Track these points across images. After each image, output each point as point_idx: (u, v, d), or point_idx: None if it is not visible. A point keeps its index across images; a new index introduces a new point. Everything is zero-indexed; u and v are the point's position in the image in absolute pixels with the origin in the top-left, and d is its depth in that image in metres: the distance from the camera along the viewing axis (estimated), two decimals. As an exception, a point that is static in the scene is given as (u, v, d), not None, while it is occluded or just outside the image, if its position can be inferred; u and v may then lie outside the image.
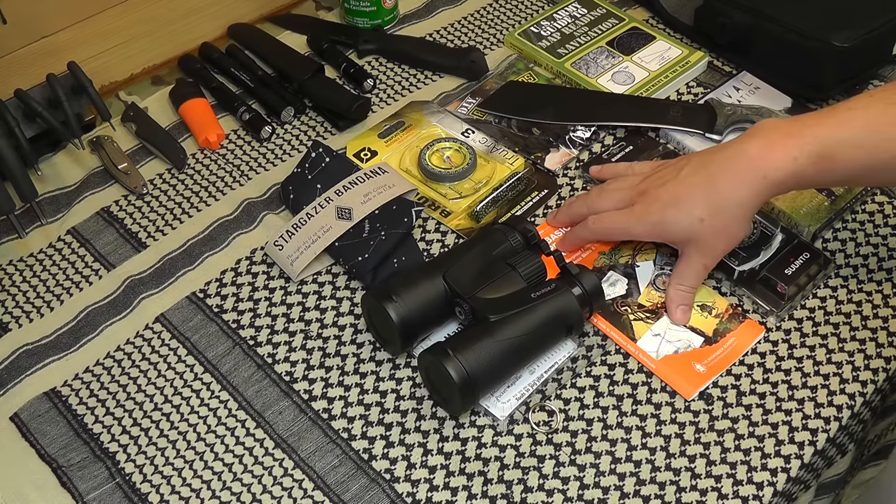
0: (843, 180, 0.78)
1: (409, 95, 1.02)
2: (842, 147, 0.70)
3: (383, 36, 1.08)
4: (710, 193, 0.74)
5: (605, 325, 0.79)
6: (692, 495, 0.69)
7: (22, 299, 0.83)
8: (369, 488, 0.70)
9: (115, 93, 1.02)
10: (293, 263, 0.83)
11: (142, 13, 1.01)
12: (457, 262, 0.77)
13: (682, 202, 0.76)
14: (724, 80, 1.01)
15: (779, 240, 0.83)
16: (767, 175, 0.72)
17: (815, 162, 0.71)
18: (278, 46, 1.06)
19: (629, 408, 0.74)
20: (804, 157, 0.71)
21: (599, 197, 0.83)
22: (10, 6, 0.90)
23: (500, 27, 1.11)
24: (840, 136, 0.71)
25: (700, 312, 0.80)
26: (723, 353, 0.77)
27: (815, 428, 0.73)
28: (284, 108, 0.98)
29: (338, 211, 0.84)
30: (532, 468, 0.71)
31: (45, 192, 0.92)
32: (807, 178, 0.72)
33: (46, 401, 0.76)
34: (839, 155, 0.70)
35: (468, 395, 0.70)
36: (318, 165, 0.90)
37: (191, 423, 0.74)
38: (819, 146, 0.71)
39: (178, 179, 0.93)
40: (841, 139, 0.70)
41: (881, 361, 0.77)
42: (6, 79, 0.92)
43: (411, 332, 0.75)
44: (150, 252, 0.87)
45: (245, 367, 0.78)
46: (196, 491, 0.70)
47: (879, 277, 0.83)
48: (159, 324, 0.81)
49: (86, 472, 0.71)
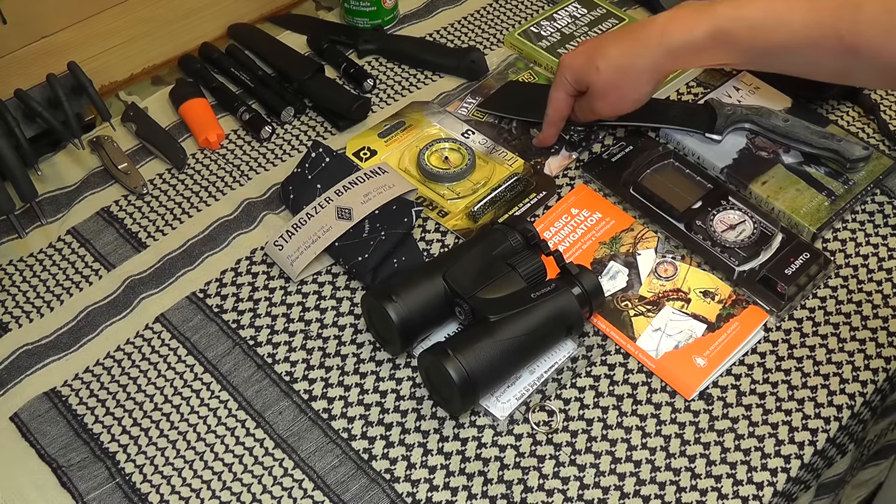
0: (744, 61, 0.80)
1: (409, 95, 1.02)
2: (739, 26, 0.76)
3: (383, 36, 1.08)
4: (611, 49, 0.83)
5: (605, 325, 0.79)
6: (692, 495, 0.69)
7: (22, 299, 0.83)
8: (369, 488, 0.70)
9: (115, 93, 1.02)
10: (293, 263, 0.83)
11: (142, 13, 1.01)
12: (457, 262, 0.77)
13: (591, 51, 0.84)
14: (724, 80, 1.01)
15: (779, 240, 0.83)
16: (663, 43, 0.79)
17: (712, 37, 0.77)
18: (278, 46, 1.06)
19: (629, 408, 0.74)
20: (701, 31, 0.77)
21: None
22: (10, 6, 0.90)
23: (500, 27, 1.11)
24: (739, 16, 0.76)
25: (703, 298, 0.80)
26: (725, 339, 0.77)
27: (815, 428, 0.73)
28: (284, 108, 0.98)
29: (338, 211, 0.84)
30: (532, 468, 0.71)
31: (45, 192, 0.92)
32: (705, 53, 0.78)
33: (46, 401, 0.76)
34: (736, 33, 0.76)
35: (468, 395, 0.70)
36: (318, 165, 0.90)
37: (191, 423, 0.74)
38: (718, 23, 0.76)
39: (178, 179, 0.93)
40: (739, 18, 0.76)
41: (881, 361, 0.77)
42: (6, 79, 0.92)
43: (411, 332, 0.75)
44: (150, 252, 0.87)
45: (245, 367, 0.78)
46: (196, 491, 0.70)
47: (879, 277, 0.83)
48: (159, 324, 0.81)
49: (86, 472, 0.71)
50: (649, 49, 0.80)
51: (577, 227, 0.87)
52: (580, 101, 0.89)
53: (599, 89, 0.84)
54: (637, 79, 0.83)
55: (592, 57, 0.84)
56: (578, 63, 0.85)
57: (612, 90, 0.84)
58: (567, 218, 0.88)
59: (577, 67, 0.85)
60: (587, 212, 0.88)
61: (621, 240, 0.85)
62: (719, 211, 0.85)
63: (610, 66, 0.82)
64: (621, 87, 0.84)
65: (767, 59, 0.78)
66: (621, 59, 0.82)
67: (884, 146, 0.95)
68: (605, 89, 0.84)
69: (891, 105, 0.99)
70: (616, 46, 0.83)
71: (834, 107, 0.99)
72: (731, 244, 0.83)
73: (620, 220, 0.87)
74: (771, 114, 0.92)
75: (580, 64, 0.85)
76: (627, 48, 0.82)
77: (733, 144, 0.93)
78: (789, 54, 0.75)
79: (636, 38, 0.81)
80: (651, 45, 0.80)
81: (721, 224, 0.84)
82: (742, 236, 0.83)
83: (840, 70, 0.74)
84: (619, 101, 0.85)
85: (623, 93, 0.84)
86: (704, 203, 0.86)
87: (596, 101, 0.86)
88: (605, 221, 0.87)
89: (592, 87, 0.85)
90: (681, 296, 0.81)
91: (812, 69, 0.77)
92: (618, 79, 0.83)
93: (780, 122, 0.91)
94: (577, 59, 0.85)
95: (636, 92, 0.84)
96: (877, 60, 0.70)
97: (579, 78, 0.86)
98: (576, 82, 0.86)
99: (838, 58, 0.72)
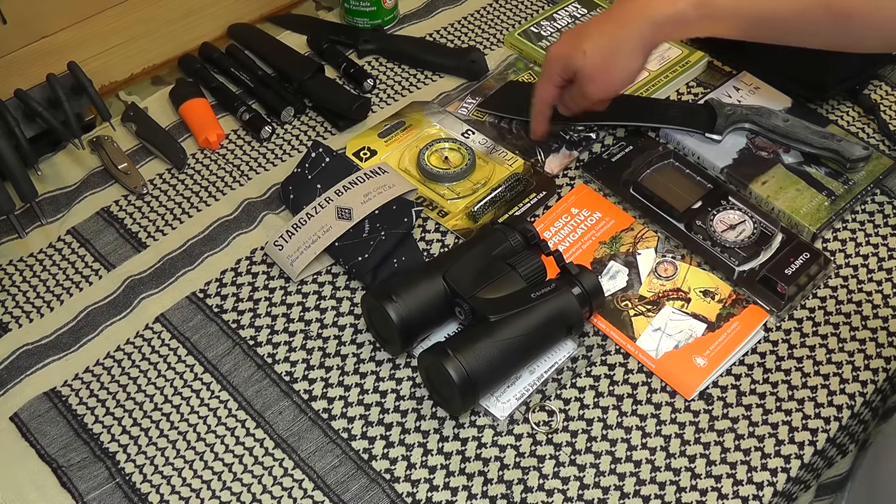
0: (734, 32, 0.80)
1: (409, 95, 1.02)
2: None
3: (383, 36, 1.08)
4: (596, 32, 0.82)
5: (605, 325, 0.79)
6: (692, 495, 0.69)
7: (22, 299, 0.83)
8: (369, 488, 0.70)
9: (115, 93, 1.02)
10: (293, 263, 0.83)
11: (141, 13, 1.01)
12: (457, 262, 0.77)
13: (575, 37, 0.84)
14: (724, 80, 1.01)
15: (779, 240, 0.83)
16: (648, 16, 0.79)
17: (696, 7, 0.77)
18: (278, 46, 1.06)
19: (629, 408, 0.74)
20: (685, 2, 0.77)
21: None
22: (10, 6, 0.90)
23: (500, 27, 1.11)
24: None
25: (703, 298, 0.80)
26: (725, 339, 0.77)
27: (815, 428, 0.73)
28: (284, 108, 0.98)
29: (338, 211, 0.84)
30: (532, 468, 0.71)
31: (45, 192, 0.92)
32: (690, 23, 0.78)
33: (46, 401, 0.76)
34: (720, 3, 0.76)
35: (468, 395, 0.70)
36: (318, 165, 0.90)
37: (191, 423, 0.74)
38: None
39: (178, 179, 0.93)
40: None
41: (881, 361, 0.77)
42: (6, 79, 0.92)
43: (411, 332, 0.75)
44: (150, 252, 0.87)
45: (245, 367, 0.78)
46: (196, 491, 0.70)
47: (879, 277, 0.83)
48: (159, 324, 0.81)
49: (86, 472, 0.71)
50: (634, 25, 0.80)
51: (577, 226, 0.87)
52: (570, 89, 0.87)
53: (588, 72, 0.83)
54: (625, 56, 0.82)
55: (578, 42, 0.83)
56: (564, 51, 0.84)
57: (602, 71, 0.83)
58: (567, 218, 0.88)
59: (563, 55, 0.85)
60: (587, 211, 0.88)
61: (621, 239, 0.85)
62: (719, 211, 0.85)
63: (597, 47, 0.82)
64: (610, 67, 0.83)
65: (757, 29, 0.78)
66: (607, 39, 0.82)
67: (884, 146, 0.94)
68: (593, 71, 0.83)
69: (891, 105, 0.99)
70: (600, 28, 0.82)
71: (834, 107, 0.99)
72: (731, 244, 0.83)
73: (620, 220, 0.87)
74: (771, 114, 0.92)
75: (566, 51, 0.84)
76: (612, 28, 0.81)
77: (733, 144, 0.93)
78: (778, 22, 0.75)
79: (619, 16, 0.81)
80: (635, 20, 0.80)
81: (721, 224, 0.84)
82: (742, 236, 0.83)
83: (836, 37, 0.74)
84: (609, 81, 0.85)
85: (612, 72, 0.84)
86: (704, 203, 0.86)
87: (586, 85, 0.84)
88: (605, 221, 0.87)
89: (581, 72, 0.84)
90: (681, 295, 0.81)
91: (806, 38, 0.76)
92: (606, 59, 0.82)
93: (780, 122, 0.91)
94: (562, 48, 0.85)
95: (625, 70, 0.84)
96: (870, 23, 0.70)
97: (567, 65, 0.85)
98: (563, 71, 0.85)
99: (830, 25, 0.72)
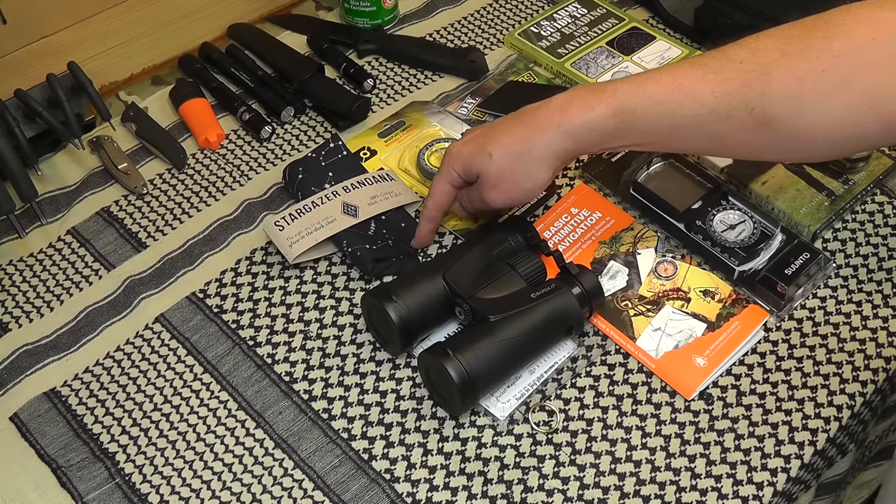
0: (653, 141, 0.74)
1: (409, 95, 1.02)
2: (644, 102, 0.70)
3: (383, 36, 1.08)
4: (505, 135, 0.76)
5: (605, 325, 0.79)
6: (692, 495, 0.69)
7: (22, 299, 0.83)
8: (369, 488, 0.70)
9: (115, 93, 1.02)
10: (292, 246, 0.82)
11: (141, 13, 1.01)
12: (457, 263, 0.77)
13: (482, 137, 0.77)
14: (724, 80, 1.01)
15: (779, 240, 0.83)
16: (561, 125, 0.72)
17: (615, 114, 0.71)
18: (278, 46, 1.06)
19: (629, 408, 0.74)
20: (603, 108, 0.71)
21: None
22: (10, 6, 0.90)
23: (500, 27, 1.11)
24: (643, 92, 0.70)
25: (703, 298, 0.80)
26: (725, 338, 0.77)
27: (815, 428, 0.73)
28: (284, 108, 0.98)
29: (344, 206, 0.84)
30: (532, 468, 0.71)
31: (45, 192, 0.92)
32: (608, 132, 0.72)
33: (46, 401, 0.76)
34: (641, 110, 0.70)
35: (468, 395, 0.70)
36: (334, 155, 0.90)
37: (190, 424, 0.74)
38: (620, 100, 0.71)
39: (178, 179, 0.93)
40: (643, 94, 0.70)
41: (881, 361, 0.77)
42: (6, 79, 0.92)
43: (411, 332, 0.75)
44: (150, 252, 0.87)
45: (245, 368, 0.78)
46: (196, 491, 0.70)
47: (879, 277, 0.83)
48: (159, 324, 0.81)
49: (85, 472, 0.71)
50: (546, 132, 0.73)
51: (577, 226, 0.87)
52: (468, 191, 0.81)
53: (492, 178, 0.76)
54: (532, 165, 0.75)
55: (484, 144, 0.76)
56: (468, 151, 0.77)
57: (506, 178, 0.76)
58: (567, 218, 0.88)
59: (466, 156, 0.78)
60: (587, 211, 0.88)
61: (621, 239, 0.85)
62: (719, 211, 0.85)
63: (503, 152, 0.75)
64: (516, 175, 0.76)
65: (676, 138, 0.72)
66: (515, 145, 0.75)
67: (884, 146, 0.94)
68: (497, 177, 0.76)
69: (891, 105, 0.99)
70: (510, 132, 0.76)
71: (834, 107, 0.99)
72: (731, 244, 0.83)
73: (620, 220, 0.87)
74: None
75: (470, 151, 0.77)
76: (522, 133, 0.75)
77: (733, 144, 0.93)
78: (699, 129, 0.69)
79: (531, 122, 0.75)
80: (547, 127, 0.73)
81: (721, 224, 0.84)
82: (742, 236, 0.83)
83: (752, 144, 0.69)
84: (512, 189, 0.77)
85: (517, 181, 0.76)
86: (704, 203, 0.86)
87: (487, 191, 0.78)
88: (604, 221, 0.87)
89: (483, 176, 0.77)
90: (681, 295, 0.81)
91: (724, 145, 0.71)
92: (512, 166, 0.75)
93: (780, 122, 0.91)
94: (466, 148, 0.78)
95: (531, 180, 0.76)
96: (790, 132, 0.65)
97: (468, 167, 0.78)
98: (464, 172, 0.78)
99: (750, 131, 0.67)
